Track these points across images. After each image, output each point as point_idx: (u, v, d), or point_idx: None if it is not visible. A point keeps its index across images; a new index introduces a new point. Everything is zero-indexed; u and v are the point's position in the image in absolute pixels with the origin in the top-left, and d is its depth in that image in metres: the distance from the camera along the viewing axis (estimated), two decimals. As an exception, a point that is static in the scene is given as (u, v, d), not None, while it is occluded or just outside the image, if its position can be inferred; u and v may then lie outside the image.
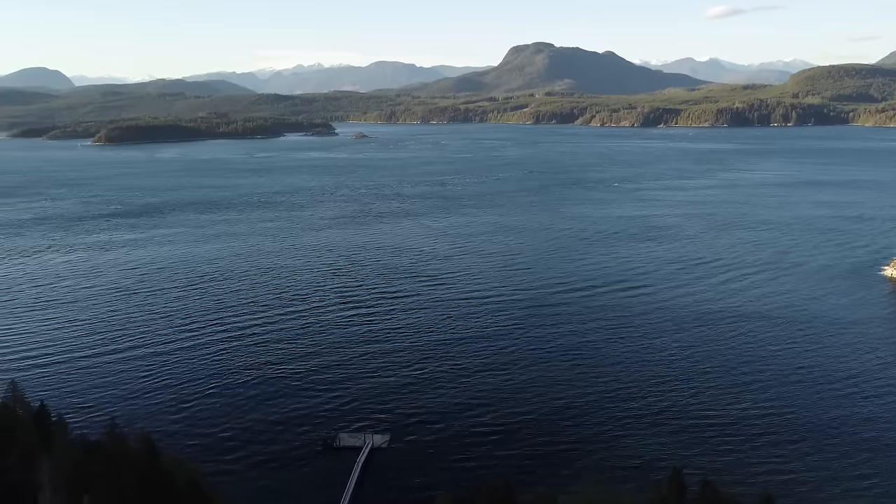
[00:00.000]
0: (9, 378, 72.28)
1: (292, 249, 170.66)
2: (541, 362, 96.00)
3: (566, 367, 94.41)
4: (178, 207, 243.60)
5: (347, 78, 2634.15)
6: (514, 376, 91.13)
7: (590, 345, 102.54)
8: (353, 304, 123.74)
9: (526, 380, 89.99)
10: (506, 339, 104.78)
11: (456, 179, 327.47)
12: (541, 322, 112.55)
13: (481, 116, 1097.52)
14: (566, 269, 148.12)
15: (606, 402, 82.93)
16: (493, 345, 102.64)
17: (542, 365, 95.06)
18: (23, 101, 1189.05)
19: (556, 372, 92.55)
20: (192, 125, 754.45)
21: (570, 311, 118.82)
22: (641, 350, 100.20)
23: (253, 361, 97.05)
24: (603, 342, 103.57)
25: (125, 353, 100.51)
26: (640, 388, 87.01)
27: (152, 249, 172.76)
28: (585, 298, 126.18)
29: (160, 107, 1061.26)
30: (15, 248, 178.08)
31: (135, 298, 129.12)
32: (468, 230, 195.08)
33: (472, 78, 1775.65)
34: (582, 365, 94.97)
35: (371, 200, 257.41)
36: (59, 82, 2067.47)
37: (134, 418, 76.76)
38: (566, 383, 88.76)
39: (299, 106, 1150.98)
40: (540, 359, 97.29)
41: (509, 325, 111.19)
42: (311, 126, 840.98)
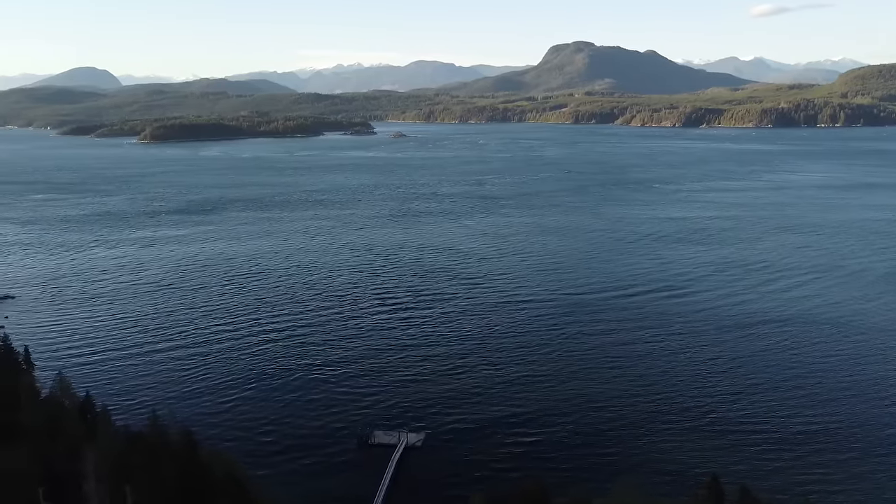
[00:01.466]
0: (56, 370, 74.35)
1: (331, 248, 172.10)
2: (579, 365, 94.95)
3: (604, 370, 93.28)
4: (221, 205, 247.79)
5: (387, 77, 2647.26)
6: (552, 379, 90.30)
7: (629, 349, 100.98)
8: (391, 304, 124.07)
9: (563, 382, 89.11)
10: (543, 342, 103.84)
11: (494, 179, 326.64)
12: (579, 325, 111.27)
13: (520, 116, 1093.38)
14: (606, 272, 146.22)
15: (645, 407, 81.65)
16: (530, 347, 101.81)
17: (580, 368, 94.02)
18: (72, 100, 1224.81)
19: (594, 375, 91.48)
20: (234, 124, 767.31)
21: (609, 314, 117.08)
22: (682, 355, 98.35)
23: (291, 358, 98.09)
24: (643, 347, 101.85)
25: (167, 348, 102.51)
26: (680, 393, 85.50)
27: (195, 246, 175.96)
28: (626, 302, 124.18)
29: (203, 106, 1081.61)
30: (64, 242, 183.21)
31: (177, 294, 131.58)
32: (506, 230, 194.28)
33: (511, 77, 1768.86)
34: (621, 369, 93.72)
35: (409, 199, 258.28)
36: (107, 81, 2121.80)
37: (174, 411, 77.89)
38: (604, 387, 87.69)
39: (339, 105, 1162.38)
40: (578, 362, 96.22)
41: (547, 328, 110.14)
42: (350, 125, 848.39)
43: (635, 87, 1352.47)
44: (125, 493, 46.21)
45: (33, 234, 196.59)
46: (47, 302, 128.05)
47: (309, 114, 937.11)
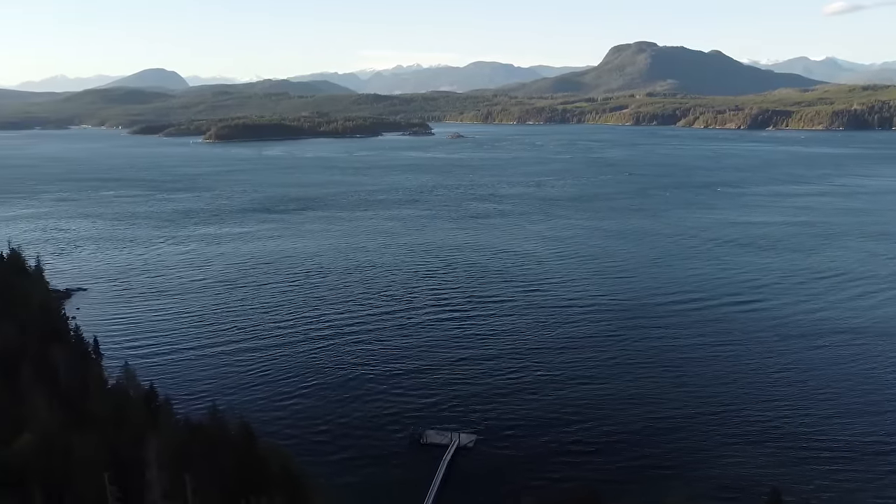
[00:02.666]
0: (122, 360, 77.00)
1: (389, 247, 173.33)
2: (636, 373, 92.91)
3: (663, 378, 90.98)
4: (283, 203, 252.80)
5: (445, 78, 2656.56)
6: (607, 385, 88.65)
7: (690, 357, 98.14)
8: (448, 305, 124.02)
9: (619, 389, 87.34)
10: (601, 348, 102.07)
11: (552, 181, 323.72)
12: (638, 332, 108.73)
13: (579, 117, 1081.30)
14: (668, 277, 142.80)
15: (704, 418, 79.18)
16: (587, 352, 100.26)
17: (637, 375, 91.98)
18: (142, 101, 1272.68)
19: (651, 383, 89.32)
20: (296, 124, 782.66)
21: (671, 321, 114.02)
22: (745, 365, 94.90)
23: (346, 356, 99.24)
24: (704, 355, 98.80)
25: (228, 343, 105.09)
26: (743, 403, 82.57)
27: (258, 243, 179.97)
28: (688, 308, 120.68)
29: (266, 106, 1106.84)
30: (134, 237, 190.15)
31: (239, 291, 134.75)
32: (565, 233, 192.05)
33: (570, 78, 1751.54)
34: (679, 377, 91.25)
35: (466, 201, 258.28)
36: (175, 82, 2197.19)
37: (233, 404, 79.94)
38: (662, 395, 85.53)
39: (397, 106, 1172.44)
40: (635, 369, 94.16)
41: (605, 333, 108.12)
42: (408, 126, 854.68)
43: (699, 88, 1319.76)
44: (185, 481, 47.38)
45: (105, 229, 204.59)
46: (116, 295, 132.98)
47: (368, 114, 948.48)
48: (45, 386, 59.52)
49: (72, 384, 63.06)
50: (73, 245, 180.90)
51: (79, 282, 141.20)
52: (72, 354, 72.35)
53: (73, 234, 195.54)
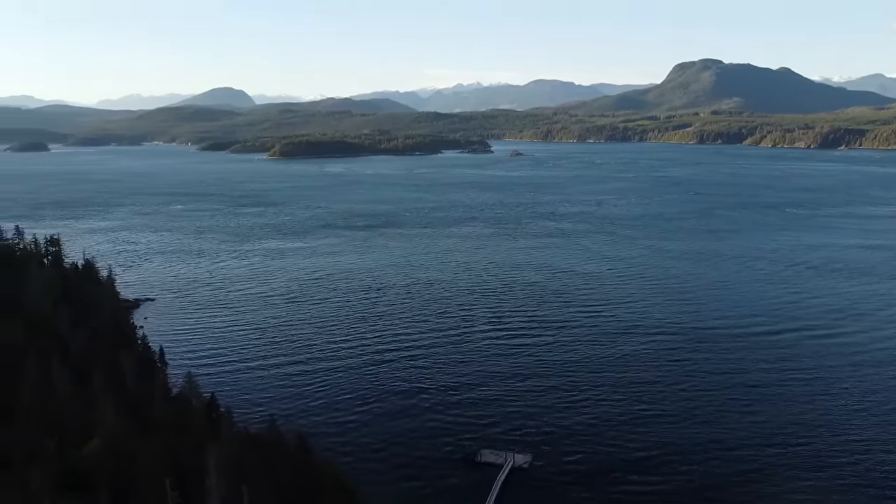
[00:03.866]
0: (186, 370, 79.01)
1: (447, 265, 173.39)
2: (700, 399, 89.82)
3: (727, 406, 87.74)
4: (344, 219, 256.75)
5: (505, 96, 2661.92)
6: (669, 414, 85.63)
7: (756, 385, 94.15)
8: (505, 324, 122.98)
9: (682, 419, 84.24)
10: (663, 372, 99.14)
11: (614, 199, 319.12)
12: (704, 359, 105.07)
13: (640, 135, 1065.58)
14: (735, 302, 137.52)
15: (770, 449, 75.91)
16: (647, 376, 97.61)
17: (700, 401, 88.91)
18: (211, 118, 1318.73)
19: (715, 410, 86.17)
20: (357, 141, 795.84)
21: (736, 347, 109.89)
22: (817, 397, 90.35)
23: (402, 372, 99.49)
24: (772, 384, 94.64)
25: (287, 358, 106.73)
26: (813, 437, 78.71)
27: (318, 259, 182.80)
28: (756, 336, 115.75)
29: (329, 124, 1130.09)
30: (200, 250, 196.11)
31: (299, 306, 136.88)
32: (627, 253, 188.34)
33: (632, 96, 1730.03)
34: (745, 405, 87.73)
35: (525, 219, 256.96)
36: (243, 101, 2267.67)
37: (290, 417, 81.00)
38: (726, 423, 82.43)
39: (457, 124, 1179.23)
40: (699, 395, 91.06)
41: (668, 358, 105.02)
42: (467, 143, 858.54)
43: (766, 107, 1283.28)
44: (242, 491, 47.98)
45: (173, 241, 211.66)
46: (182, 306, 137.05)
47: (428, 132, 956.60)
48: (114, 392, 61.44)
49: (138, 391, 64.94)
50: (142, 257, 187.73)
51: (147, 292, 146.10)
52: (139, 362, 74.60)
53: (142, 247, 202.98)
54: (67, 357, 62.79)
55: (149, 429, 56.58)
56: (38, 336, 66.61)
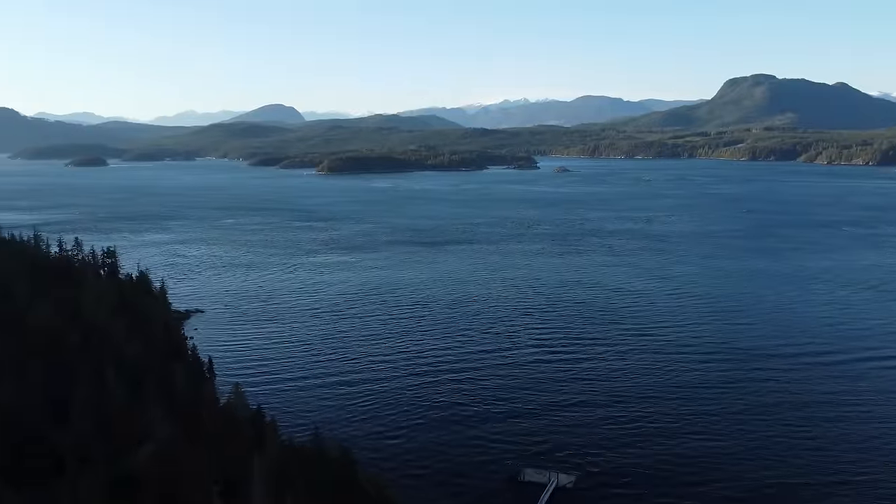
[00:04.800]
0: (233, 381, 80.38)
1: (492, 282, 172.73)
2: (750, 425, 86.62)
3: (779, 431, 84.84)
4: (390, 234, 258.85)
5: (552, 112, 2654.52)
6: (718, 436, 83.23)
7: (812, 413, 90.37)
8: (550, 342, 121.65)
9: (731, 441, 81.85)
10: (712, 396, 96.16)
11: (663, 216, 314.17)
12: (754, 379, 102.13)
13: (690, 152, 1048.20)
14: (788, 323, 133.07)
15: (825, 479, 73.11)
16: (696, 400, 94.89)
17: (751, 428, 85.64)
18: (262, 134, 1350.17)
19: (766, 438, 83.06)
20: (403, 157, 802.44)
21: (790, 371, 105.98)
22: (877, 427, 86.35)
23: (446, 389, 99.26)
24: (828, 411, 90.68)
25: (331, 370, 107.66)
26: (874, 471, 75.29)
27: (365, 274, 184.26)
28: (810, 358, 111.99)
29: (376, 140, 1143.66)
30: (249, 263, 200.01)
31: (344, 320, 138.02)
32: (676, 272, 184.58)
33: (681, 112, 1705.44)
34: (799, 434, 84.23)
35: (572, 235, 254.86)
36: (293, 117, 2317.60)
37: (334, 430, 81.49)
38: (777, 452, 79.40)
39: (503, 140, 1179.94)
40: (749, 421, 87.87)
41: (718, 381, 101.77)
42: (513, 159, 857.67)
43: (821, 122, 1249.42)
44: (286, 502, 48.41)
45: (223, 254, 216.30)
46: (231, 318, 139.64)
47: (474, 148, 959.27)
48: (165, 400, 62.81)
49: (187, 400, 66.24)
50: (194, 269, 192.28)
51: (198, 304, 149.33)
52: (189, 372, 76.18)
53: (194, 259, 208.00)
54: (121, 365, 64.48)
55: (197, 437, 57.61)
56: (93, 344, 68.62)
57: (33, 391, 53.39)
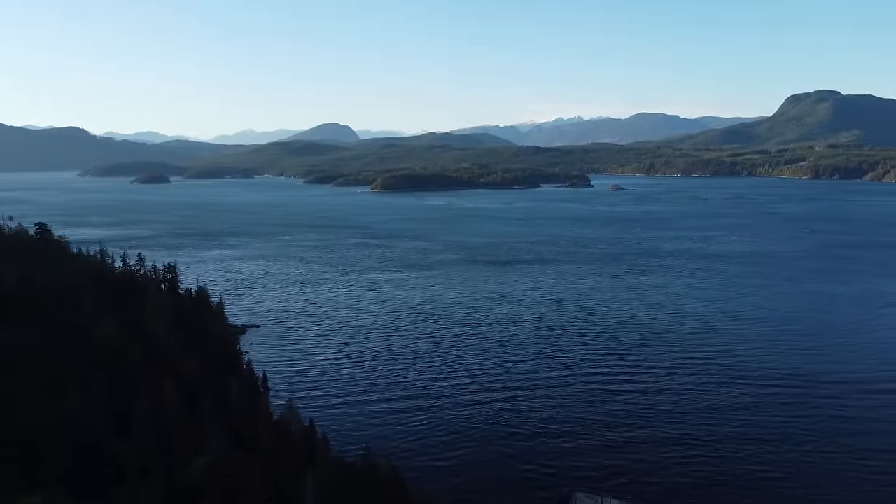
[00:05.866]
0: (286, 396, 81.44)
1: (545, 301, 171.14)
2: (814, 455, 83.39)
3: (851, 465, 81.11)
4: (444, 252, 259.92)
5: (606, 130, 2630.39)
6: (778, 463, 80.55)
7: (881, 442, 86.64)
8: (603, 364, 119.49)
9: (793, 470, 78.94)
10: (774, 422, 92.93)
11: (721, 236, 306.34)
12: (820, 409, 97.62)
13: (750, 170, 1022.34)
14: (855, 349, 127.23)
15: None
16: (757, 427, 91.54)
17: (815, 455, 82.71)
18: (318, 152, 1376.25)
19: (837, 470, 79.70)
20: (456, 175, 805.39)
21: (859, 399, 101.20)
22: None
23: (496, 410, 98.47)
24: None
25: (382, 388, 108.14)
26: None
27: (418, 291, 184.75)
28: (880, 385, 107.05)
29: (429, 158, 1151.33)
30: (304, 279, 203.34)
31: (396, 337, 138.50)
32: (735, 293, 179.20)
33: (740, 129, 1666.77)
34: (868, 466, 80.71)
35: (626, 254, 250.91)
36: (348, 136, 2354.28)
37: (384, 448, 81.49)
38: (843, 481, 76.46)
39: (556, 158, 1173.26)
40: (813, 451, 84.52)
41: (780, 408, 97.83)
42: (567, 177, 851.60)
43: (890, 140, 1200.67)
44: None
45: (280, 270, 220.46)
46: (285, 333, 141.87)
47: (527, 166, 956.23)
48: (220, 414, 63.99)
49: (242, 414, 67.34)
50: (250, 284, 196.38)
51: (253, 319, 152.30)
52: (244, 386, 77.54)
53: (251, 275, 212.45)
54: (179, 378, 66.04)
55: (251, 451, 58.44)
56: (154, 357, 70.55)
57: (97, 402, 55.08)
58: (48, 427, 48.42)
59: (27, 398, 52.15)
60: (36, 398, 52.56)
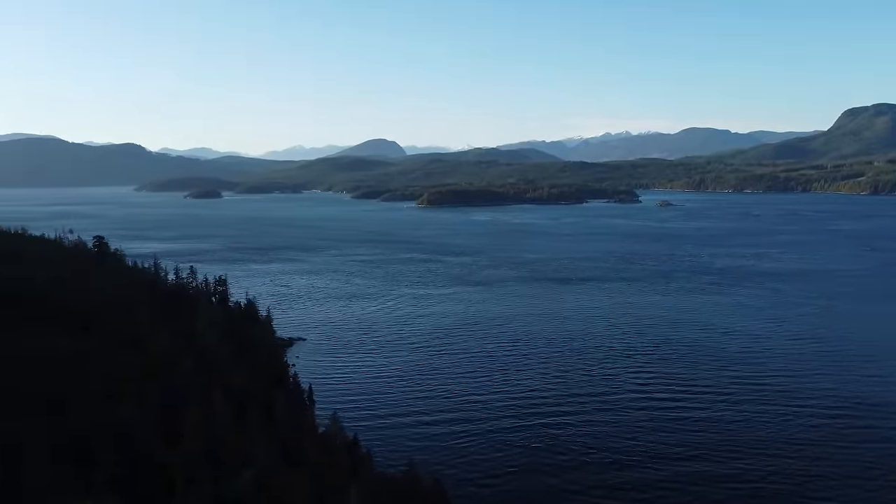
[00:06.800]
0: (331, 409, 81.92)
1: (593, 318, 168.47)
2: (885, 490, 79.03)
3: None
4: (490, 268, 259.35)
5: (655, 145, 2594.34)
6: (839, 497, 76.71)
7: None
8: (651, 385, 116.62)
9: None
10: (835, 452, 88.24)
11: (775, 253, 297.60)
12: (883, 439, 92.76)
13: (804, 186, 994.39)
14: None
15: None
16: (815, 457, 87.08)
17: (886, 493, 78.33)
18: (365, 168, 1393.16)
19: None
20: (502, 190, 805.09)
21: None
22: None
23: (541, 431, 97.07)
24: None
25: (427, 403, 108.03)
26: None
27: (465, 307, 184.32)
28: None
29: (475, 173, 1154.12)
30: (350, 293, 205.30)
31: (441, 353, 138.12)
32: (792, 313, 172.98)
33: (794, 144, 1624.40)
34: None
35: (676, 272, 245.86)
36: (394, 151, 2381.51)
37: (427, 463, 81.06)
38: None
39: (603, 173, 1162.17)
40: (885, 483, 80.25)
41: (840, 437, 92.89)
42: (614, 193, 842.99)
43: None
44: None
45: (327, 284, 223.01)
46: (331, 347, 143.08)
47: (573, 181, 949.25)
48: (267, 426, 64.72)
49: (288, 427, 67.97)
50: (297, 298, 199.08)
51: (300, 332, 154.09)
52: (290, 399, 78.34)
53: (298, 288, 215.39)
54: (228, 389, 67.10)
55: (298, 464, 58.85)
56: (204, 368, 71.90)
57: (149, 411, 56.31)
58: (102, 433, 49.67)
59: (84, 404, 53.67)
60: (92, 405, 54.04)
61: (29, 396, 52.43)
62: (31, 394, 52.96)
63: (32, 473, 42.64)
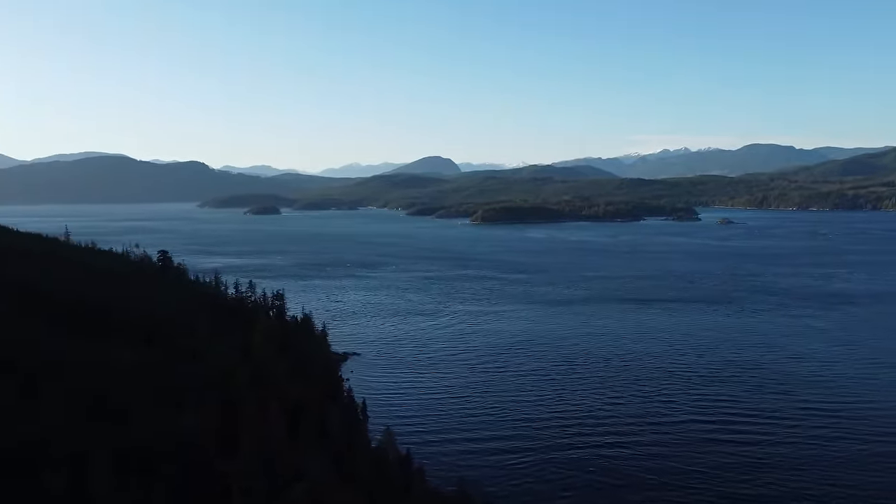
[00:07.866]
0: (384, 425, 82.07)
1: (649, 338, 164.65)
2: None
3: None
4: (548, 286, 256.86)
5: (715, 162, 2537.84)
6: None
7: None
8: (711, 408, 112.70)
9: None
10: None
11: (844, 273, 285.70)
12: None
13: (874, 203, 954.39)
14: None
15: None
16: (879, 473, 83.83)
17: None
18: (420, 185, 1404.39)
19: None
20: (557, 207, 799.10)
21: None
22: None
23: (596, 452, 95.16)
24: None
25: (479, 421, 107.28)
26: None
27: (521, 324, 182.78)
28: None
29: (530, 190, 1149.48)
30: (405, 309, 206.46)
31: (496, 370, 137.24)
32: (862, 336, 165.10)
33: (863, 160, 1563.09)
34: None
35: (738, 292, 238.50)
36: (449, 168, 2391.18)
37: (479, 480, 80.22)
38: None
39: (661, 190, 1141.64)
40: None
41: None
42: (672, 210, 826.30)
43: None
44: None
45: (382, 300, 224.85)
46: (385, 362, 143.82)
47: (630, 199, 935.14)
48: (321, 439, 65.17)
49: (342, 441, 68.30)
50: (353, 313, 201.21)
51: (355, 347, 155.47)
52: (344, 413, 78.80)
53: (354, 304, 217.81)
54: (284, 402, 67.92)
55: (350, 478, 58.99)
56: (260, 381, 73.04)
57: (208, 421, 57.37)
58: (164, 442, 50.80)
59: (147, 414, 55.07)
60: (154, 414, 55.40)
61: (95, 405, 54.13)
62: (97, 402, 54.66)
63: (96, 481, 43.83)
